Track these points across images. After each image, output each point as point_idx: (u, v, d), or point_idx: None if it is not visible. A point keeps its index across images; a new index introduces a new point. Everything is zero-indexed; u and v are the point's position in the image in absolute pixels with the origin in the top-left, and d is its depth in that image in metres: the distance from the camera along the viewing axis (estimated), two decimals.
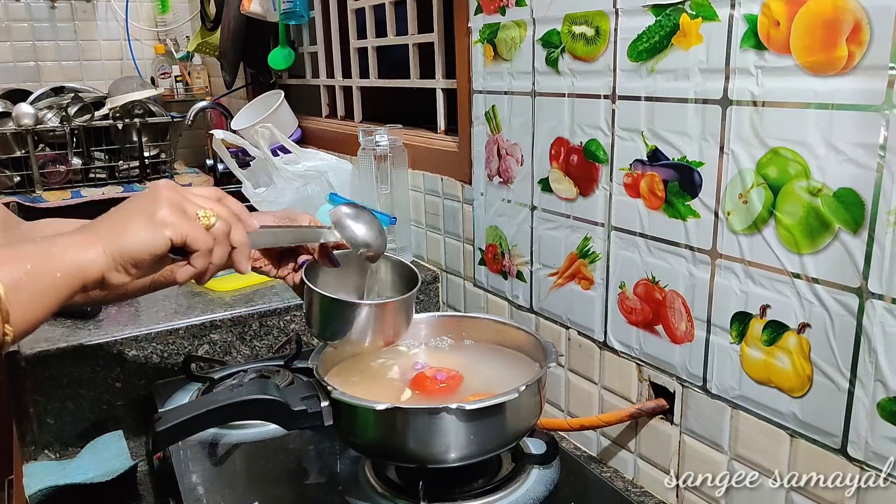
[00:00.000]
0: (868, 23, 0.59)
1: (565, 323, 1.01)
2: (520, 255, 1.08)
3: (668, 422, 0.85)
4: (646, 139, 0.82)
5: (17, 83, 2.43)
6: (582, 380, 0.99)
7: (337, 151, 1.67)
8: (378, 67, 1.62)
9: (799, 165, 0.65)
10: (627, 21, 0.82)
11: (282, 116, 1.86)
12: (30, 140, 2.10)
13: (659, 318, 0.84)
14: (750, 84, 0.69)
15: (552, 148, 0.97)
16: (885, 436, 0.62)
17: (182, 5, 2.70)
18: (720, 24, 0.71)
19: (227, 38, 2.04)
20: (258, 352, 1.18)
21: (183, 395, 1.05)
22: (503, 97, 1.06)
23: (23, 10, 2.48)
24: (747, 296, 0.72)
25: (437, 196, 1.31)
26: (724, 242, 0.74)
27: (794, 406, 0.69)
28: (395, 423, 0.74)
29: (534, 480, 0.82)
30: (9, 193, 2.11)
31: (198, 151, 2.71)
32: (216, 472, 0.90)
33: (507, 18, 1.02)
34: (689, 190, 0.77)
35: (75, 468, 0.97)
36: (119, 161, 2.29)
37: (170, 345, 1.10)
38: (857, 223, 0.61)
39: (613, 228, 0.89)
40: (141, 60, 2.65)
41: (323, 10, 1.82)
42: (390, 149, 1.33)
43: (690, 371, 0.81)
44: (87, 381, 1.05)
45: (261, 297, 1.20)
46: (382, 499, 0.79)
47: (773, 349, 0.71)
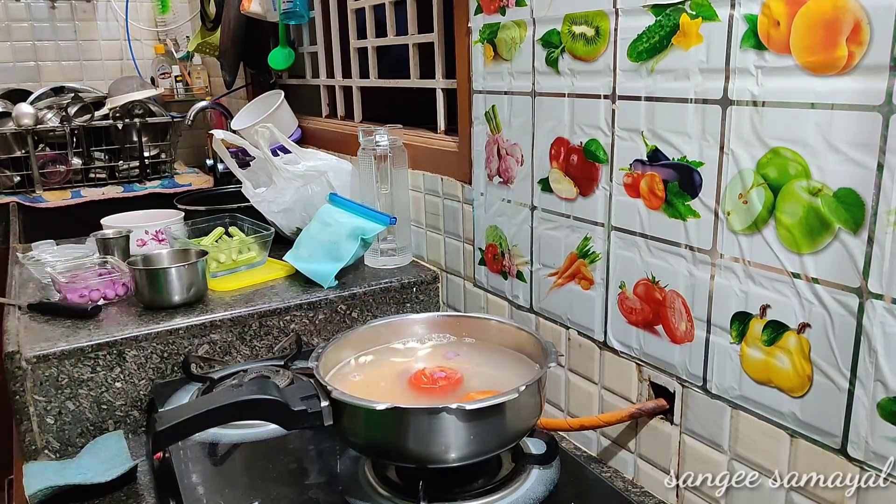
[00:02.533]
0: (868, 23, 0.59)
1: (565, 323, 1.01)
2: (520, 255, 1.08)
3: (668, 422, 0.85)
4: (646, 139, 0.82)
5: (17, 83, 2.43)
6: (582, 380, 0.99)
7: (337, 151, 1.67)
8: (378, 67, 1.62)
9: (799, 165, 0.65)
10: (627, 21, 0.82)
11: (282, 116, 1.86)
12: (30, 140, 2.10)
13: (659, 318, 0.84)
14: (750, 84, 0.69)
15: (552, 148, 0.97)
16: (885, 436, 0.62)
17: (182, 5, 2.70)
18: (720, 24, 0.71)
19: (227, 38, 2.04)
20: (258, 352, 1.18)
21: (183, 395, 1.05)
22: (503, 97, 1.06)
23: (23, 10, 2.48)
24: (747, 296, 0.72)
25: (437, 196, 1.31)
26: (724, 242, 0.74)
27: (794, 406, 0.69)
28: (395, 423, 0.74)
29: (534, 480, 0.82)
30: (9, 193, 2.11)
31: (198, 151, 2.71)
32: (216, 472, 0.90)
33: (507, 18, 1.02)
34: (689, 190, 0.77)
35: (75, 468, 0.97)
36: (119, 161, 2.29)
37: (170, 345, 1.10)
38: (857, 223, 0.61)
39: (613, 228, 0.89)
40: (141, 60, 2.65)
41: (323, 10, 1.82)
42: (390, 149, 1.33)
43: (690, 371, 0.81)
44: (87, 381, 1.05)
45: (261, 297, 1.20)
46: (382, 499, 0.79)
47: (773, 349, 0.71)
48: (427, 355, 0.92)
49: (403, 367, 0.89)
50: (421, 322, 0.95)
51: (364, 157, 1.36)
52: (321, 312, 1.22)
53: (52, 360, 1.02)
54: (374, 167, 1.34)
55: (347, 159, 1.57)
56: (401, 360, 0.91)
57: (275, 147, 1.54)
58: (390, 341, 0.94)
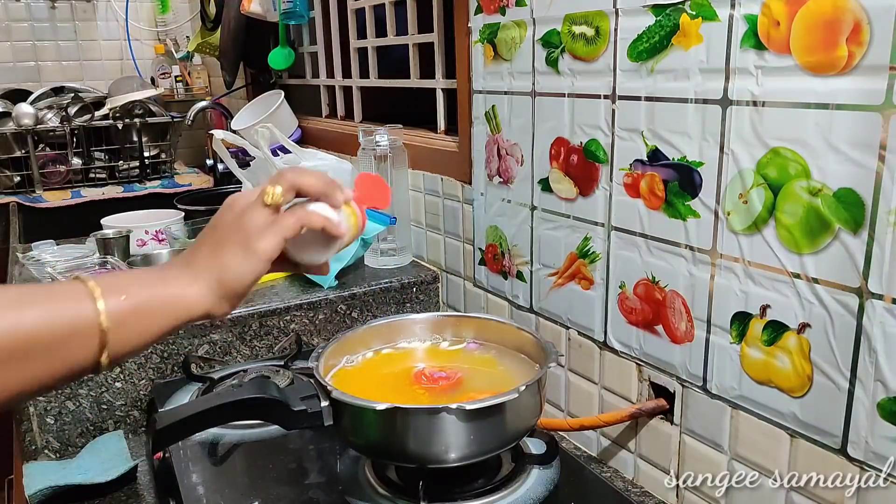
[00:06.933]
0: (868, 23, 0.59)
1: (565, 323, 1.01)
2: (520, 255, 1.08)
3: (668, 422, 0.85)
4: (646, 139, 0.82)
5: (17, 83, 2.43)
6: (582, 380, 0.99)
7: (337, 151, 1.67)
8: (378, 67, 1.62)
9: (799, 165, 0.65)
10: (627, 21, 0.82)
11: (282, 116, 1.86)
12: (30, 140, 2.10)
13: (659, 318, 0.84)
14: (750, 84, 0.69)
15: (552, 148, 0.97)
16: (885, 436, 0.62)
17: (182, 5, 2.70)
18: (720, 24, 0.71)
19: (227, 38, 2.04)
20: (258, 352, 1.18)
21: (183, 395, 1.05)
22: (503, 97, 1.06)
23: (23, 10, 2.48)
24: (747, 296, 0.72)
25: (437, 196, 1.31)
26: (724, 242, 0.74)
27: (794, 406, 0.69)
28: (395, 423, 0.74)
29: (534, 480, 0.82)
30: (9, 193, 2.11)
31: (198, 151, 2.71)
32: (216, 472, 0.90)
33: (507, 18, 1.02)
34: (689, 190, 0.77)
35: (75, 468, 0.97)
36: (119, 161, 2.29)
37: (170, 345, 1.10)
38: (857, 223, 0.61)
39: (613, 228, 0.89)
40: (141, 60, 2.65)
41: (323, 10, 1.82)
42: (390, 149, 1.33)
43: (690, 371, 0.81)
44: (87, 381, 1.05)
45: (261, 297, 1.20)
46: (382, 499, 0.79)
47: (773, 349, 0.71)
48: (427, 355, 0.92)
49: (403, 367, 0.89)
50: (421, 322, 0.95)
51: (364, 157, 1.36)
52: (321, 312, 1.22)
53: None
54: (374, 167, 1.34)
55: (347, 159, 1.57)
56: (401, 360, 0.91)
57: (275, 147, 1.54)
58: (390, 341, 0.94)
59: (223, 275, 0.58)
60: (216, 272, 0.59)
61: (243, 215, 0.60)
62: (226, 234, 0.60)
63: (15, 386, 0.49)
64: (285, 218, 0.60)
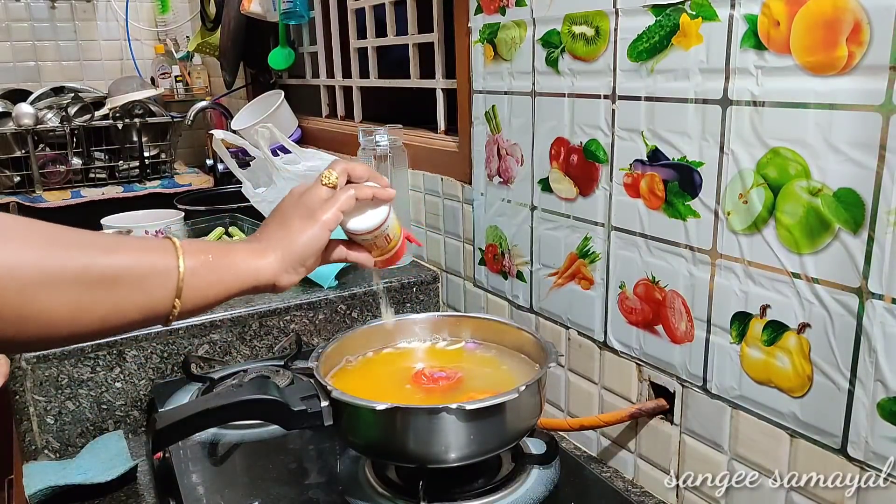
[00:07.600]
0: (868, 23, 0.59)
1: (565, 323, 1.01)
2: (520, 255, 1.08)
3: (668, 422, 0.85)
4: (646, 139, 0.82)
5: (17, 83, 2.42)
6: (582, 380, 0.99)
7: (337, 151, 1.67)
8: (378, 67, 1.62)
9: (799, 165, 0.65)
10: (627, 21, 0.82)
11: (282, 116, 1.86)
12: (30, 140, 2.10)
13: (659, 318, 0.84)
14: (750, 84, 0.69)
15: (552, 148, 0.97)
16: (885, 436, 0.62)
17: (182, 5, 2.70)
18: (720, 24, 0.71)
19: (227, 38, 2.04)
20: (258, 352, 1.18)
21: (183, 395, 1.05)
22: (503, 97, 1.06)
23: (23, 10, 2.48)
24: (747, 296, 0.72)
25: (437, 196, 1.31)
26: (724, 242, 0.74)
27: (794, 406, 0.69)
28: (395, 423, 0.74)
29: (534, 480, 0.82)
30: (9, 193, 2.11)
31: (198, 151, 2.71)
32: (216, 472, 0.90)
33: (507, 18, 1.02)
34: (689, 190, 0.77)
35: (75, 468, 0.97)
36: (119, 161, 2.29)
37: (170, 345, 1.10)
38: (857, 223, 0.61)
39: (613, 228, 0.89)
40: (141, 60, 2.65)
41: (323, 10, 1.82)
42: (390, 149, 1.33)
43: (690, 371, 0.81)
44: (86, 381, 1.05)
45: (261, 297, 1.20)
46: (382, 499, 0.79)
47: (773, 349, 0.71)
48: (427, 355, 0.92)
49: (403, 367, 0.89)
50: (421, 322, 0.95)
51: (364, 157, 1.36)
52: (321, 312, 1.22)
53: (52, 359, 1.02)
54: (374, 167, 1.34)
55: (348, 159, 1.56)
56: (401, 360, 0.91)
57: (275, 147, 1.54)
58: (390, 341, 0.94)
59: (290, 245, 0.67)
60: (285, 242, 0.67)
61: (305, 195, 0.70)
62: (290, 211, 0.70)
63: (100, 310, 0.55)
64: (342, 192, 0.70)
